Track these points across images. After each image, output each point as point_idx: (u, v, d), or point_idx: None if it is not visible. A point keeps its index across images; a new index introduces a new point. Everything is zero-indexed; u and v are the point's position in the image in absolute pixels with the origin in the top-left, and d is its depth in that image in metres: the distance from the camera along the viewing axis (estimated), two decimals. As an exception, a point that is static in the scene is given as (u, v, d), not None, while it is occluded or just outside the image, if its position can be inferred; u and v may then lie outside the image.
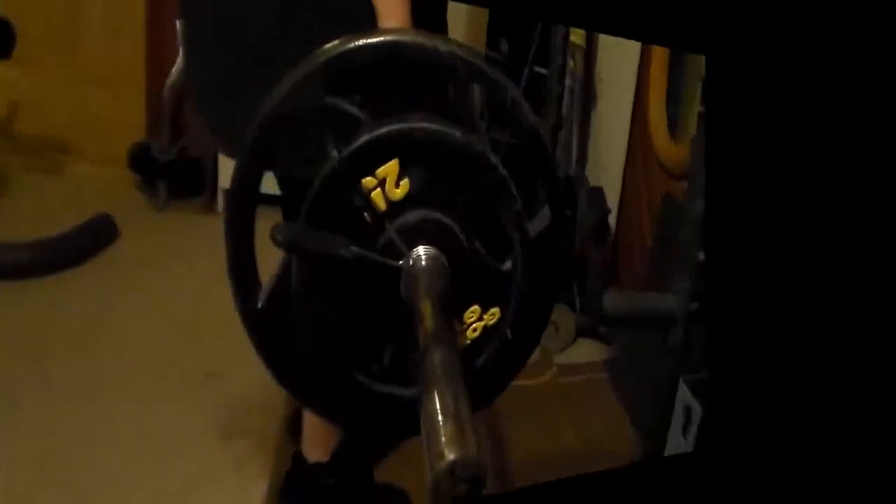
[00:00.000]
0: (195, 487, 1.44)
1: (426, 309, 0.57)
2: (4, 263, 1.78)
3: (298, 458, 1.43)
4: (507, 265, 0.65)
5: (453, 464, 0.45)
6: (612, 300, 1.18)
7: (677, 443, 1.16)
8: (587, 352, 2.39)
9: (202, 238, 1.96)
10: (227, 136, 1.11)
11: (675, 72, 2.08)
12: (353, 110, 0.59)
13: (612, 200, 2.59)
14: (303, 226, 0.60)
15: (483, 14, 3.06)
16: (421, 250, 0.61)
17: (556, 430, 1.96)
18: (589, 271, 2.51)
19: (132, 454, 1.47)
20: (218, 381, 1.67)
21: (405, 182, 0.60)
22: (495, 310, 0.67)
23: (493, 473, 1.62)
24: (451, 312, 0.60)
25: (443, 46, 0.59)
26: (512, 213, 0.64)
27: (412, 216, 0.61)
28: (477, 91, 0.61)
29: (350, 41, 0.58)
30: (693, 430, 1.07)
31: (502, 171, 0.62)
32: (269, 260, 0.59)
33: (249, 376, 1.56)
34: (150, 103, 2.27)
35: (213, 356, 1.70)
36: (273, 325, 0.64)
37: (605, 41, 2.82)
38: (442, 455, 0.45)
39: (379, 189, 0.59)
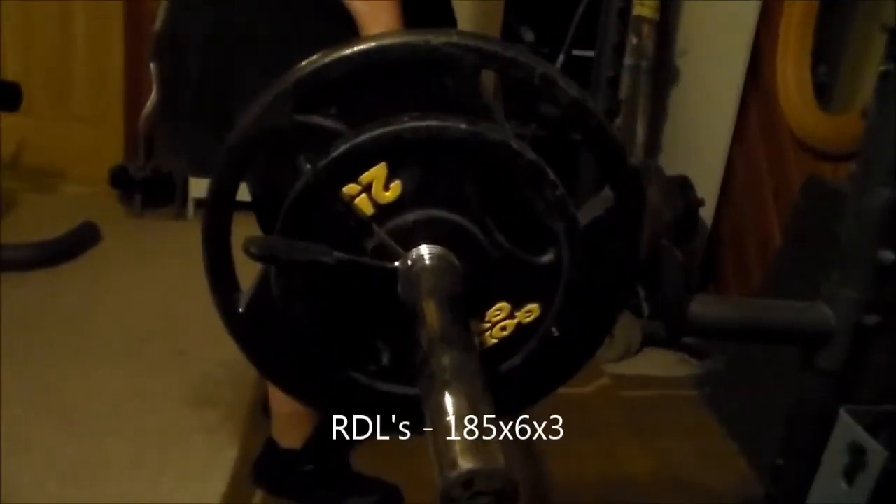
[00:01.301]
0: (168, 445, 1.69)
1: (429, 309, 0.57)
2: (12, 260, 2.35)
3: (271, 443, 1.54)
4: (548, 257, 0.64)
5: (471, 474, 0.43)
6: (704, 307, 1.01)
7: (834, 488, 1.00)
8: (660, 364, 2.27)
9: (173, 240, 2.65)
10: (198, 159, 1.22)
11: (826, 27, 1.87)
12: (329, 123, 0.60)
13: (707, 191, 2.44)
14: (277, 237, 0.61)
15: (496, 6, 2.89)
16: (424, 250, 0.62)
17: (621, 454, 1.84)
18: (664, 272, 2.35)
19: (115, 408, 1.80)
20: (189, 358, 2.01)
21: (396, 184, 0.60)
22: (533, 306, 0.66)
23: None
24: (463, 311, 0.59)
25: (435, 39, 0.57)
26: (551, 200, 0.62)
27: (409, 217, 0.61)
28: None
29: (321, 58, 0.58)
30: (868, 475, 0.92)
31: (530, 156, 0.62)
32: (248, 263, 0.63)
33: (218, 355, 1.93)
34: (128, 133, 2.98)
35: (184, 337, 2.07)
36: (257, 328, 0.66)
37: (690, 9, 2.67)
38: (455, 464, 0.44)
39: (364, 194, 0.60)
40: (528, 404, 0.71)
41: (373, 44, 0.58)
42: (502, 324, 0.66)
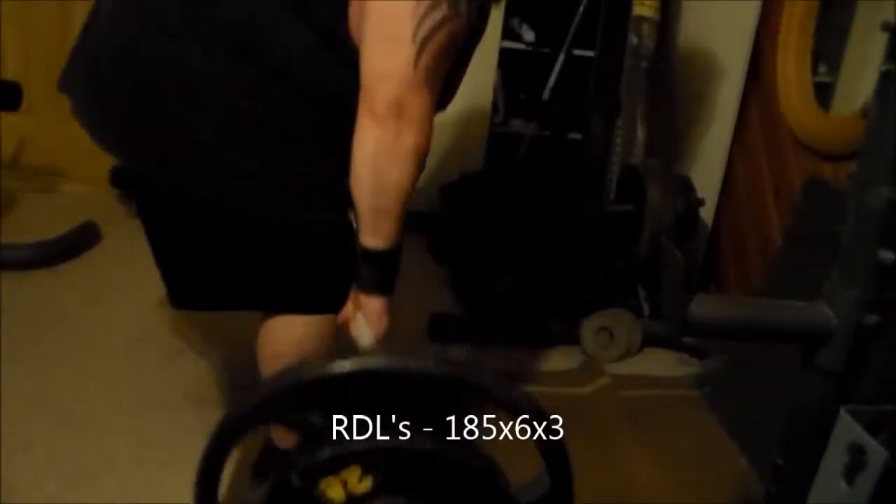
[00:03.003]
0: (168, 445, 1.69)
1: None
2: (12, 259, 2.35)
3: (270, 445, 1.52)
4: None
5: None
6: (704, 306, 1.00)
7: (834, 488, 1.00)
8: (660, 364, 2.27)
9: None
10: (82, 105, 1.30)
11: (826, 27, 1.87)
12: (319, 421, 0.69)
13: (707, 191, 2.43)
14: None
15: (496, 6, 2.89)
16: None
17: (620, 454, 1.83)
18: (665, 272, 2.34)
19: (115, 407, 1.80)
20: (188, 357, 2.02)
21: (367, 479, 0.69)
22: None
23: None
24: None
25: (436, 369, 0.67)
26: (499, 498, 0.74)
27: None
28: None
29: (335, 366, 0.66)
30: (868, 475, 0.92)
31: (489, 469, 0.73)
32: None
33: (216, 356, 1.99)
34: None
35: (183, 336, 2.09)
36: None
37: (690, 9, 2.67)
38: None
39: (340, 485, 0.69)
40: None
41: (375, 365, 0.67)
42: None
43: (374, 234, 1.12)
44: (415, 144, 1.07)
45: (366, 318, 1.19)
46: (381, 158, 1.07)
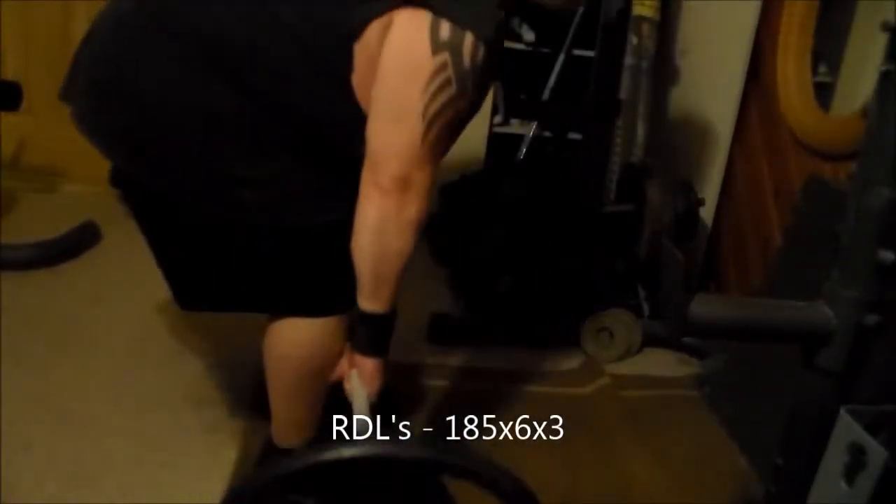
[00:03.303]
0: (168, 445, 1.70)
1: None
2: (12, 259, 2.35)
3: (269, 444, 1.51)
4: None
5: None
6: (704, 306, 1.00)
7: (834, 488, 1.00)
8: (660, 364, 2.27)
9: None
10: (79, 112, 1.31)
11: (826, 27, 1.87)
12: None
13: (707, 191, 2.44)
14: None
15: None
16: None
17: (620, 454, 1.83)
18: (665, 272, 2.34)
19: (115, 407, 1.80)
20: (189, 357, 2.02)
21: None
22: None
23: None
24: None
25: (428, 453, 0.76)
26: None
27: None
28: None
29: (330, 451, 0.72)
30: (868, 475, 0.91)
31: None
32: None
33: (216, 356, 2.00)
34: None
35: (183, 336, 2.09)
36: None
37: (690, 9, 2.67)
38: None
39: None
40: None
41: (364, 452, 0.75)
42: None
43: (372, 299, 1.15)
44: (417, 215, 1.11)
45: (360, 377, 1.22)
46: (384, 229, 1.10)
